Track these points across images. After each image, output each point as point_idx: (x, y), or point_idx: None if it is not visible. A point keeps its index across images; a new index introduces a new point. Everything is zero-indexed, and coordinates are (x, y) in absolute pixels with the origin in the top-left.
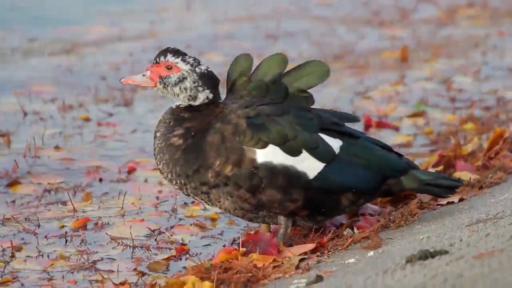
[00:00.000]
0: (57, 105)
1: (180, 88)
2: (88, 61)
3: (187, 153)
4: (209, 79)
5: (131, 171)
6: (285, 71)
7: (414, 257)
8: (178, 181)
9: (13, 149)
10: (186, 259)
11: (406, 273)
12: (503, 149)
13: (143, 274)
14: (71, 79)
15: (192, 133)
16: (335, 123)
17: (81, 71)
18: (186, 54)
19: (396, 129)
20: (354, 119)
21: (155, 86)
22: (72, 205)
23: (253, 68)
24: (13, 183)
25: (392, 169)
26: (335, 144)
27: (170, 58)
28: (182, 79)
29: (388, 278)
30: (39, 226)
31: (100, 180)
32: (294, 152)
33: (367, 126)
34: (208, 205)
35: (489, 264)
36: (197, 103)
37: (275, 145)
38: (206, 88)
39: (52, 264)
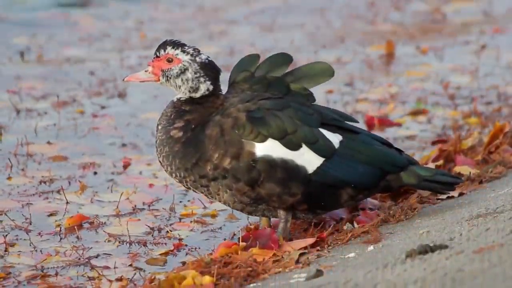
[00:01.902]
0: (51, 101)
1: (182, 80)
2: (76, 57)
3: (186, 146)
4: (210, 70)
5: (126, 165)
6: (289, 70)
7: (414, 251)
8: (178, 174)
9: (6, 145)
10: (186, 254)
11: (406, 267)
12: (503, 143)
13: (140, 269)
14: (60, 75)
15: (193, 126)
16: (335, 119)
17: (69, 67)
18: (185, 45)
19: (399, 125)
20: (353, 120)
21: (158, 80)
22: (66, 199)
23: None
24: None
25: (392, 165)
26: (335, 139)
27: (169, 50)
28: (183, 71)
29: (388, 273)
30: (31, 223)
31: (95, 173)
32: (293, 146)
33: (370, 125)
34: (208, 198)
35: (489, 259)
36: (198, 95)
37: (275, 139)
38: (207, 79)
39: (46, 259)
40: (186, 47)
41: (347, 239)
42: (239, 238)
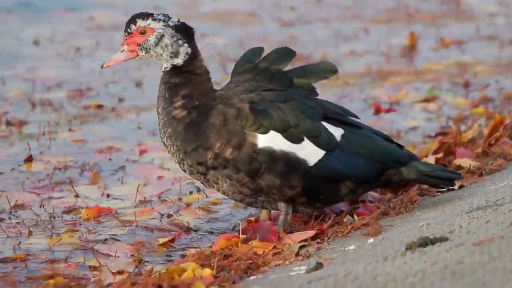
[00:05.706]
0: (66, 91)
1: (161, 47)
2: (86, 47)
3: (189, 128)
4: (184, 31)
5: (142, 152)
6: (293, 67)
7: (414, 244)
8: (178, 155)
9: (25, 136)
10: (185, 247)
11: (406, 260)
12: (503, 136)
13: (140, 261)
14: (72, 64)
15: (196, 103)
16: (337, 112)
17: (81, 56)
18: (153, 13)
19: (406, 114)
20: (354, 115)
21: (137, 55)
22: (74, 191)
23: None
24: (28, 159)
25: (393, 160)
26: (337, 132)
27: (140, 23)
28: (160, 38)
29: (388, 265)
30: (48, 211)
31: (110, 160)
32: (295, 139)
33: (377, 111)
34: (205, 186)
35: (489, 251)
36: (180, 59)
37: (277, 131)
38: (184, 41)
39: (53, 245)
40: (155, 15)
41: (347, 231)
42: (239, 230)
